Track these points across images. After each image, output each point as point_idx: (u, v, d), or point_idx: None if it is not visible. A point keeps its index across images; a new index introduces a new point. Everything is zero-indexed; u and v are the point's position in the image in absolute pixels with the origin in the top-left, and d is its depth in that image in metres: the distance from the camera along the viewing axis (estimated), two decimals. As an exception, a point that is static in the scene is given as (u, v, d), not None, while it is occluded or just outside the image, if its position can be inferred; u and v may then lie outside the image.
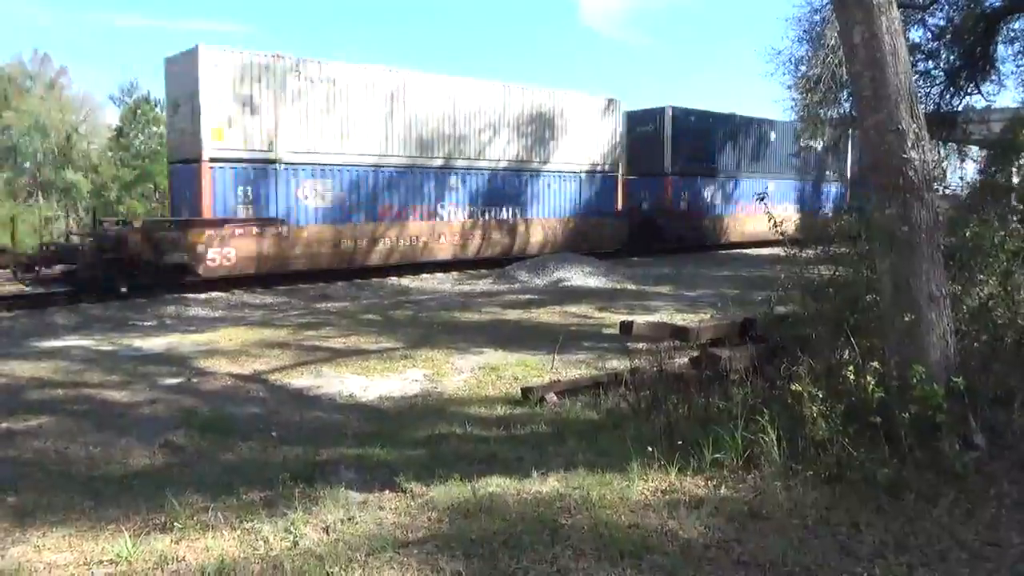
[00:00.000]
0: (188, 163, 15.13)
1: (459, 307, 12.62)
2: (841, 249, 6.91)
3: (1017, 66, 19.35)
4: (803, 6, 26.07)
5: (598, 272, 17.14)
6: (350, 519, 4.03)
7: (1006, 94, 71.89)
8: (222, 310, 13.15)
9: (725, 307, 11.36)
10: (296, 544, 3.74)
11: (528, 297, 14.01)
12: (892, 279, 4.87)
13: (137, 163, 41.53)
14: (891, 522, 3.91)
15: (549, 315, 11.69)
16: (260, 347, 9.03)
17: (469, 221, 18.97)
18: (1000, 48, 19.13)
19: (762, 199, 9.54)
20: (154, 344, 9.37)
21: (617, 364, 7.54)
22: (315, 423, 6.12)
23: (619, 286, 15.89)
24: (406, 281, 17.29)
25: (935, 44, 18.91)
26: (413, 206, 17.81)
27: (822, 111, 19.24)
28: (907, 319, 4.69)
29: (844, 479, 4.31)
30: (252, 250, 14.91)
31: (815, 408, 4.47)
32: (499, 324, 10.88)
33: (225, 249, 14.45)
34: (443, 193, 18.42)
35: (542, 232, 20.41)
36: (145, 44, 79.65)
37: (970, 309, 5.64)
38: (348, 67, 16.62)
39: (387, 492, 4.46)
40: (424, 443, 5.51)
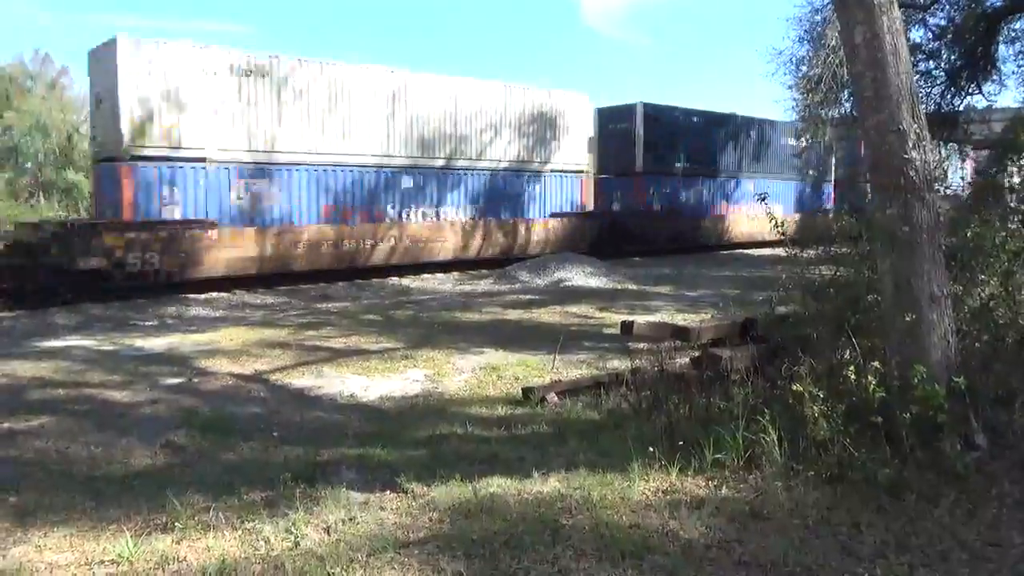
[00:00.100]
0: (110, 162, 14.30)
1: (460, 307, 12.62)
2: (842, 249, 6.92)
3: (1018, 66, 19.39)
4: (804, 6, 25.98)
5: (599, 272, 17.16)
6: (351, 519, 4.03)
7: (1007, 94, 72.14)
8: (223, 310, 13.18)
9: (726, 307, 11.39)
10: (297, 544, 3.75)
11: (529, 297, 14.02)
12: (893, 279, 4.86)
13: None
14: (892, 522, 3.91)
15: (550, 315, 11.69)
16: (261, 347, 9.03)
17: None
18: (1001, 48, 19.17)
19: (763, 199, 9.51)
20: (155, 344, 9.38)
21: (618, 364, 7.54)
22: (316, 423, 6.12)
23: (620, 286, 15.89)
24: (407, 281, 17.31)
25: (936, 44, 18.93)
26: (369, 209, 16.95)
27: (823, 111, 19.24)
28: (908, 319, 4.69)
29: (845, 479, 4.31)
30: (179, 254, 13.91)
31: (816, 408, 4.47)
32: (500, 324, 10.88)
33: (148, 254, 13.57)
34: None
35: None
36: (146, 44, 79.62)
37: (971, 309, 5.64)
38: (299, 62, 15.85)
39: (388, 492, 4.46)
40: (425, 443, 5.51)
